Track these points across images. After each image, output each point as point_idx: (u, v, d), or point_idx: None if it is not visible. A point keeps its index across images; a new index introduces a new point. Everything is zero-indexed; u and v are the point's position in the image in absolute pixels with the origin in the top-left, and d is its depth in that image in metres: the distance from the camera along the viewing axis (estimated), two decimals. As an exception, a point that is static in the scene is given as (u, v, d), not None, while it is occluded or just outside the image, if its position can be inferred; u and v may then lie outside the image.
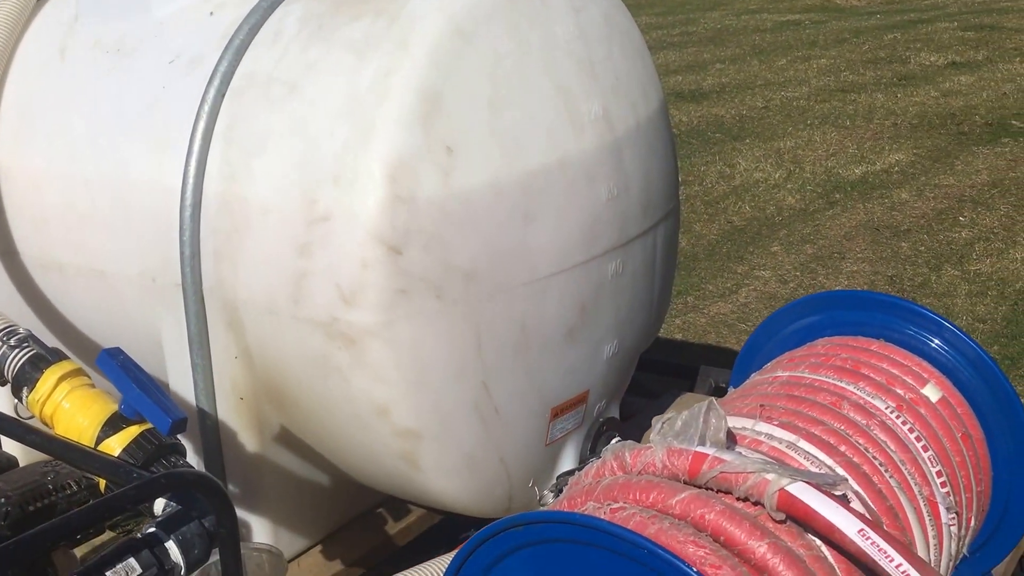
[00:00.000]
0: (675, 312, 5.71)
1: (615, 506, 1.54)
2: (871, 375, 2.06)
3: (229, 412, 2.52)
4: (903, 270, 6.26)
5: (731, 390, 2.21)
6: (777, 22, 16.75)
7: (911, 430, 1.93)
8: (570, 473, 2.64)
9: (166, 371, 2.57)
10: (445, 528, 2.87)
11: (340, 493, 2.80)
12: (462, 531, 2.71)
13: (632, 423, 3.03)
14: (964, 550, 2.12)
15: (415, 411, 2.32)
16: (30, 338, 2.22)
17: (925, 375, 2.13)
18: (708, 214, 7.47)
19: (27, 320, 2.71)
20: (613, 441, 2.77)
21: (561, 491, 2.54)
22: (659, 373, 3.63)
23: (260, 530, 2.65)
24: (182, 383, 2.53)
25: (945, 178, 8.07)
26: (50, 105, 2.77)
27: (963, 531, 2.05)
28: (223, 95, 2.41)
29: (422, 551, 2.60)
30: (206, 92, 2.41)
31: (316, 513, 2.79)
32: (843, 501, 1.47)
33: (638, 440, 3.00)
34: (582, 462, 2.71)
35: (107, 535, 2.58)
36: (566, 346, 2.54)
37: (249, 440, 2.56)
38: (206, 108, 2.40)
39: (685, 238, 6.60)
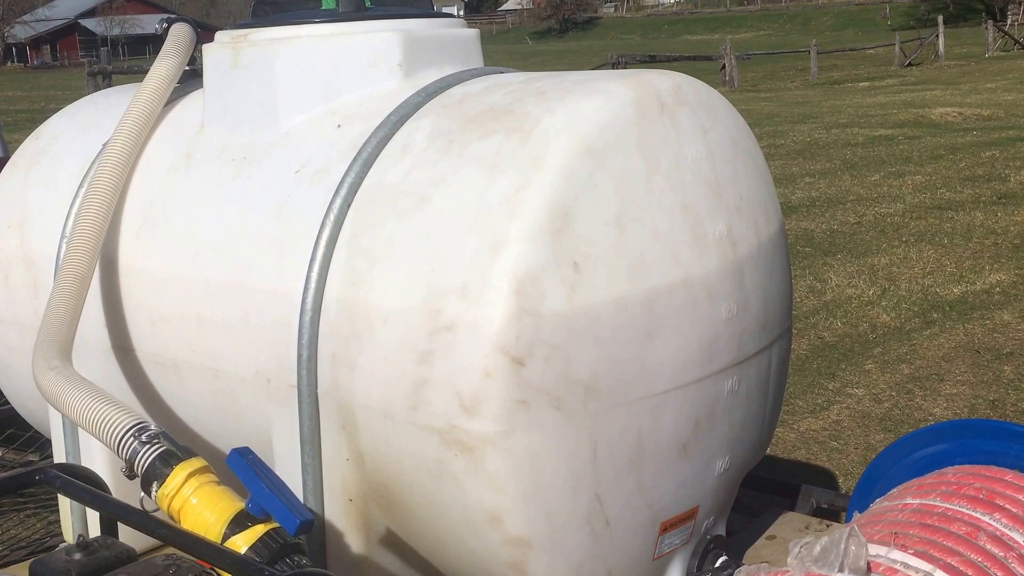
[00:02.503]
0: (765, 427, 5.60)
1: (751, 630, 1.53)
2: (1007, 507, 2.02)
3: (336, 513, 2.56)
4: (1006, 395, 6.09)
5: (855, 515, 2.18)
6: (869, 137, 16.77)
7: (1049, 564, 1.88)
8: (678, 590, 2.62)
9: (275, 469, 2.62)
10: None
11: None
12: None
13: (732, 540, 3.00)
14: None
15: (528, 520, 2.32)
16: (161, 435, 2.28)
17: (1064, 508, 2.07)
18: (798, 329, 7.38)
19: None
20: (720, 559, 2.74)
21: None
22: (759, 490, 3.59)
23: (358, 630, 2.66)
24: (291, 482, 2.55)
25: (1050, 300, 7.89)
26: (174, 208, 2.89)
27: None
28: (349, 205, 2.50)
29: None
30: (332, 201, 2.50)
31: (414, 616, 2.79)
32: (988, 637, 1.44)
33: (740, 558, 2.96)
34: (688, 577, 2.68)
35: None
36: (679, 461, 2.54)
37: (355, 541, 2.59)
38: (331, 217, 2.49)
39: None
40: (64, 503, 3.26)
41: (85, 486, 2.30)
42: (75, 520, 3.18)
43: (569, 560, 2.40)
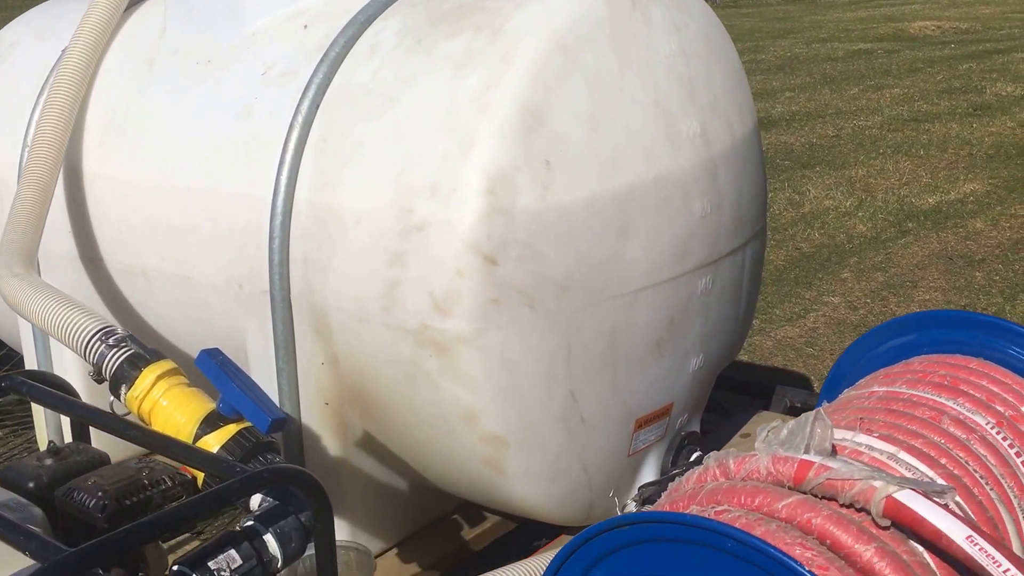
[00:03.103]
0: (741, 335, 5.66)
1: (719, 509, 1.55)
2: (970, 392, 2.05)
3: (313, 417, 2.56)
4: (977, 299, 6.16)
5: (824, 403, 2.21)
6: (849, 51, 16.64)
7: (1011, 445, 1.93)
8: (651, 484, 2.65)
9: (250, 375, 2.61)
10: (520, 535, 2.89)
11: (418, 498, 2.84)
12: (535, 539, 2.73)
13: (708, 439, 3.03)
14: (1057, 564, 2.09)
15: (503, 418, 2.34)
16: (128, 338, 2.27)
17: (1025, 393, 2.11)
18: (776, 240, 7.41)
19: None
20: (694, 455, 2.77)
21: (644, 501, 2.55)
22: (734, 391, 3.63)
23: (338, 532, 2.65)
24: (266, 388, 2.54)
25: (1021, 208, 7.94)
26: (138, 114, 2.84)
27: (1059, 545, 2.03)
28: (317, 106, 2.46)
29: (497, 557, 2.62)
30: (300, 103, 2.46)
31: (393, 517, 2.82)
32: (948, 508, 1.47)
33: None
34: (663, 474, 2.71)
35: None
36: (653, 358, 2.55)
37: (332, 444, 2.60)
38: (299, 119, 2.45)
39: (755, 263, 6.54)
40: (38, 414, 3.25)
41: (52, 391, 2.28)
42: (50, 432, 3.18)
43: (544, 457, 2.42)
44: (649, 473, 2.71)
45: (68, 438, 2.52)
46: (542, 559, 2.32)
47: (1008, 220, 7.65)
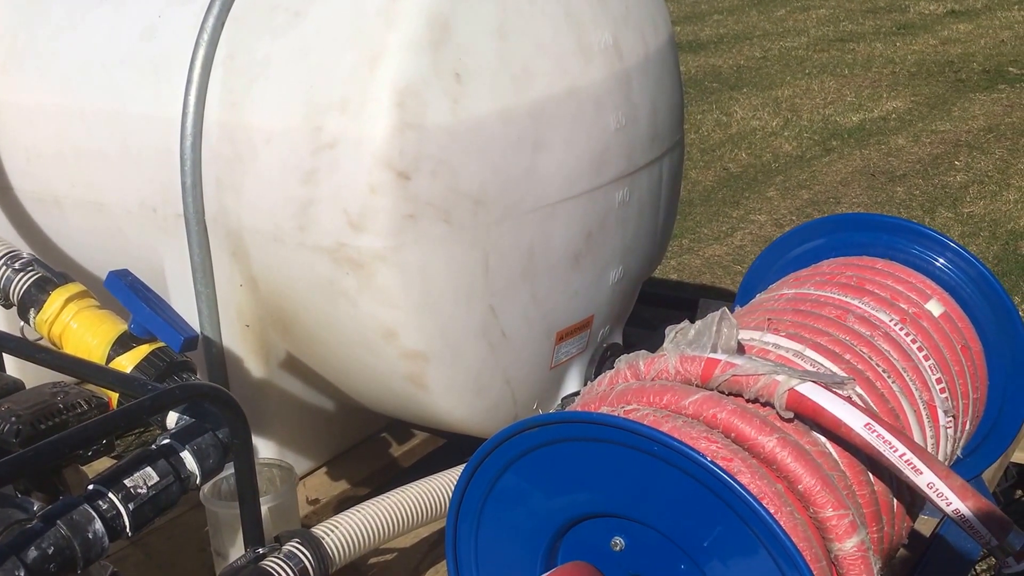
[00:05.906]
0: (670, 254, 5.76)
1: (629, 408, 1.58)
2: (876, 291, 2.09)
3: (234, 339, 2.55)
4: (898, 213, 6.29)
5: (737, 308, 2.24)
6: (774, -28, 16.65)
7: (913, 341, 1.98)
8: (574, 395, 2.68)
9: (169, 301, 2.58)
10: (448, 451, 2.92)
11: (345, 418, 2.84)
12: (465, 454, 2.75)
13: (631, 351, 3.06)
14: (959, 452, 2.20)
15: (422, 333, 2.33)
16: (34, 262, 2.23)
17: (928, 291, 2.17)
18: (704, 161, 7.47)
19: (25, 255, 2.71)
20: (618, 365, 2.80)
21: (566, 413, 2.58)
22: (659, 306, 3.67)
23: (266, 453, 2.70)
24: (186, 312, 2.52)
25: (942, 124, 8.09)
26: (40, 36, 2.76)
27: (959, 434, 2.12)
28: (223, 23, 2.40)
29: (426, 472, 2.64)
30: (205, 20, 2.40)
31: (321, 437, 2.83)
32: (849, 399, 1.51)
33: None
34: (585, 385, 2.74)
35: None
36: (572, 271, 2.56)
37: (255, 366, 2.59)
38: (205, 36, 2.39)
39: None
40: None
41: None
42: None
43: (467, 371, 2.43)
44: (572, 384, 2.73)
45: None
46: (460, 469, 2.35)
47: (929, 136, 7.79)
